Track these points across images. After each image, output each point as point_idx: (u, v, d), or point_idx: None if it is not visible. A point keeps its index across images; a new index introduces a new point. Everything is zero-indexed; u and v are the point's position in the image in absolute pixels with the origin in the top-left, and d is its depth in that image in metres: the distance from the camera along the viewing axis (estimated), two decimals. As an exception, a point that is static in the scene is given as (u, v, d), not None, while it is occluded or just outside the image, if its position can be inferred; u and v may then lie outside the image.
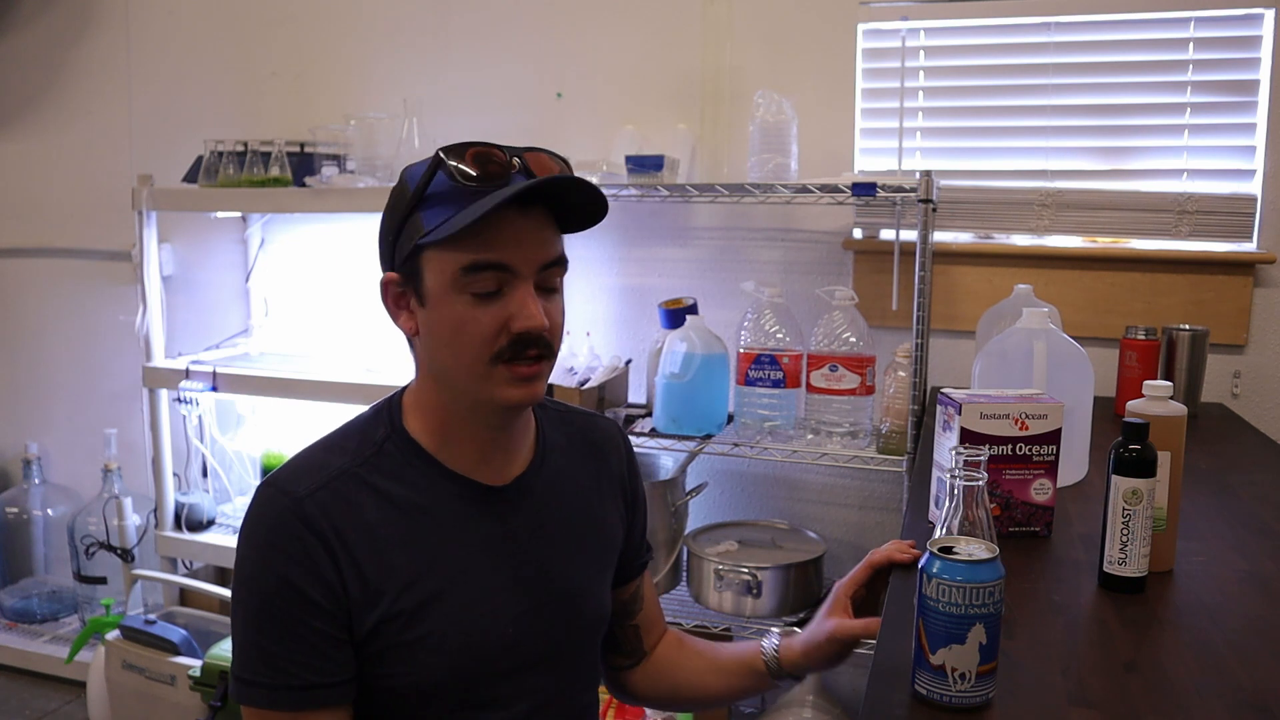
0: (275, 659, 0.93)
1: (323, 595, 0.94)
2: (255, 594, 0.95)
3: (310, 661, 0.94)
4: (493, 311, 0.94)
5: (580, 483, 1.13)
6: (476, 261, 0.93)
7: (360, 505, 0.97)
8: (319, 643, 0.94)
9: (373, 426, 1.04)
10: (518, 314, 0.94)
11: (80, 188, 2.90)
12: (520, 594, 1.03)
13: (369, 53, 2.58)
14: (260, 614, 0.94)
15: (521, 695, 1.04)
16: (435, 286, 0.95)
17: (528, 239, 0.94)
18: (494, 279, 0.94)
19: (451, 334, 0.96)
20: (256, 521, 0.97)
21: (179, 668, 2.15)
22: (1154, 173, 2.10)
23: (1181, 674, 0.86)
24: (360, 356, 2.40)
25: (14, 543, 2.93)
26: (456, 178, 0.93)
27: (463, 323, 0.94)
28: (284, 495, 0.96)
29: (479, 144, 0.95)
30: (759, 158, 2.05)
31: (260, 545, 0.95)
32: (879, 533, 2.29)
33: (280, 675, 0.93)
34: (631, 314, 2.43)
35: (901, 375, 1.92)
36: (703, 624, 2.00)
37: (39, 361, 3.04)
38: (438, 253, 0.94)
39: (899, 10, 2.17)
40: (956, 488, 0.90)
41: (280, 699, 0.94)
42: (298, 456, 1.02)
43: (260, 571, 0.94)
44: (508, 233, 0.93)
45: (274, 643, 0.94)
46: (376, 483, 0.99)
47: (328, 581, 0.94)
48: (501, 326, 0.94)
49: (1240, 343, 2.05)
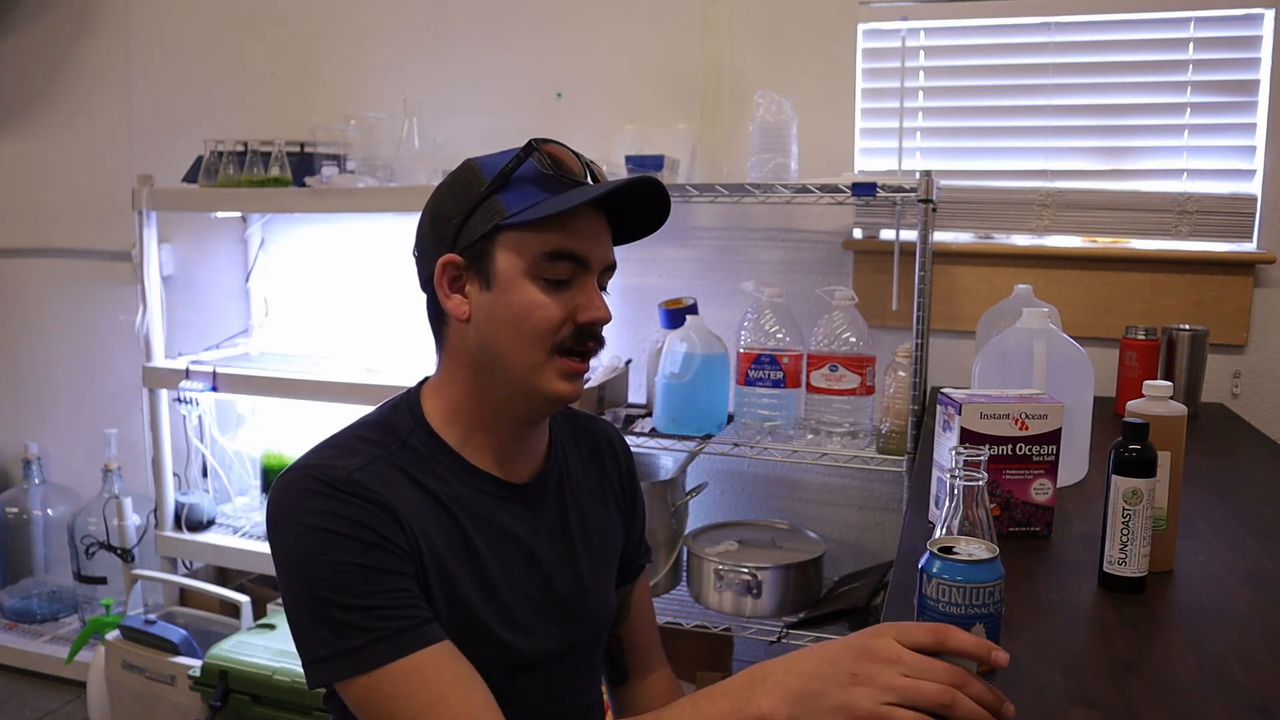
0: (380, 610, 0.88)
1: (399, 541, 0.92)
2: (327, 563, 0.89)
3: (413, 602, 0.90)
4: (562, 300, 0.97)
5: (587, 483, 1.15)
6: (561, 249, 0.96)
7: (401, 487, 0.96)
8: (411, 585, 0.91)
9: (394, 420, 1.03)
10: (585, 305, 0.98)
11: (80, 188, 2.90)
12: (533, 590, 1.04)
13: (369, 53, 2.58)
14: (340, 578, 0.89)
15: (528, 690, 1.04)
16: (508, 269, 0.97)
17: (601, 238, 1.00)
18: (568, 269, 0.97)
19: (517, 318, 0.97)
20: (302, 500, 0.92)
21: (179, 668, 2.15)
22: (1154, 173, 2.10)
23: (1181, 674, 0.86)
24: (360, 356, 2.40)
25: (14, 543, 2.93)
26: (547, 167, 0.97)
27: (533, 307, 0.96)
28: (327, 475, 0.93)
29: (556, 142, 1.00)
30: (759, 158, 2.05)
31: (321, 515, 0.91)
32: (879, 533, 2.29)
33: (395, 620, 0.88)
34: (631, 314, 2.43)
35: (901, 375, 1.92)
36: (702, 624, 2.00)
37: (39, 361, 3.04)
38: (518, 236, 0.96)
39: (899, 10, 2.17)
40: (956, 488, 0.90)
41: (410, 640, 0.88)
42: (321, 447, 0.99)
43: (329, 540, 0.90)
44: (588, 228, 0.98)
45: (367, 597, 0.88)
46: (410, 471, 0.98)
47: (396, 535, 0.92)
48: (567, 316, 0.97)
49: (1240, 343, 2.05)
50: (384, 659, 0.88)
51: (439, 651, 0.90)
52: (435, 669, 0.89)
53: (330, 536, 0.90)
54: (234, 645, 2.07)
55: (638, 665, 1.25)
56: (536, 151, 0.97)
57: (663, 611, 2.02)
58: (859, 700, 0.70)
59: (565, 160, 0.99)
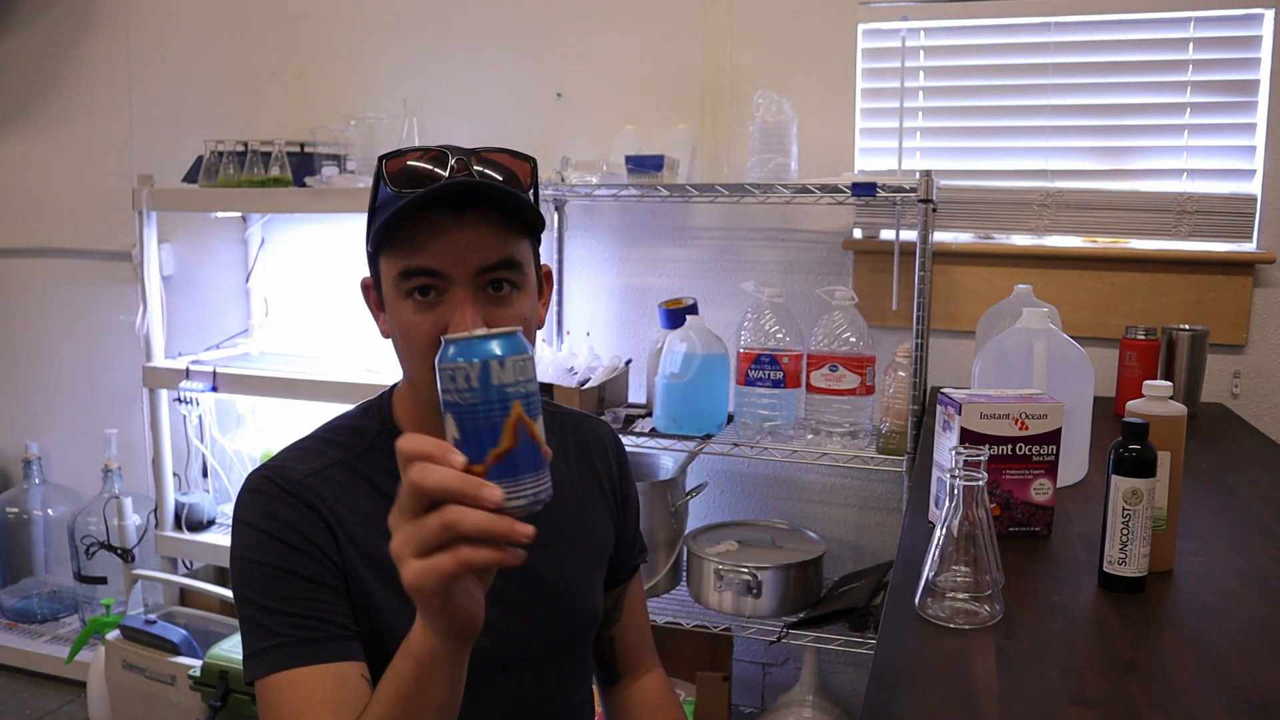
0: (291, 617, 0.91)
1: (329, 552, 0.94)
2: (256, 563, 0.93)
3: (328, 614, 0.93)
4: (432, 318, 0.93)
5: (572, 482, 1.13)
6: (408, 268, 0.92)
7: (356, 494, 0.98)
8: (331, 597, 0.93)
9: (363, 423, 1.05)
10: (452, 321, 0.92)
11: (80, 188, 2.90)
12: (510, 590, 1.03)
13: (369, 53, 2.58)
14: (267, 578, 0.92)
15: (508, 691, 1.04)
16: (388, 290, 0.96)
17: (460, 244, 0.91)
18: (427, 283, 0.92)
19: (401, 338, 0.96)
20: (251, 500, 0.96)
21: (179, 668, 2.15)
22: (1154, 173, 2.10)
23: (1181, 674, 0.86)
24: (360, 356, 2.40)
25: (14, 543, 2.93)
26: (388, 183, 0.94)
27: (407, 328, 0.94)
28: (279, 477, 0.97)
29: (425, 148, 0.95)
30: (759, 158, 2.05)
31: (258, 515, 0.94)
32: (879, 533, 2.29)
33: (301, 629, 0.91)
34: (631, 314, 2.43)
35: (901, 375, 1.92)
36: (702, 624, 2.00)
37: (39, 361, 3.04)
38: (384, 259, 0.95)
39: (899, 10, 2.17)
40: (956, 488, 0.90)
41: (306, 654, 0.90)
42: (289, 449, 1.02)
43: (261, 540, 0.93)
44: (439, 238, 0.91)
45: (283, 602, 0.92)
46: (370, 475, 1.00)
47: (328, 548, 0.95)
48: (441, 331, 0.93)
49: (1240, 343, 2.05)
50: (281, 665, 0.89)
51: (328, 670, 0.90)
52: (309, 686, 0.89)
53: (262, 537, 0.94)
54: (234, 645, 2.07)
55: (630, 666, 1.25)
56: (381, 170, 0.93)
57: (663, 611, 2.02)
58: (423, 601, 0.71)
59: (407, 172, 0.93)
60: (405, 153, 0.94)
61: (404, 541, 0.69)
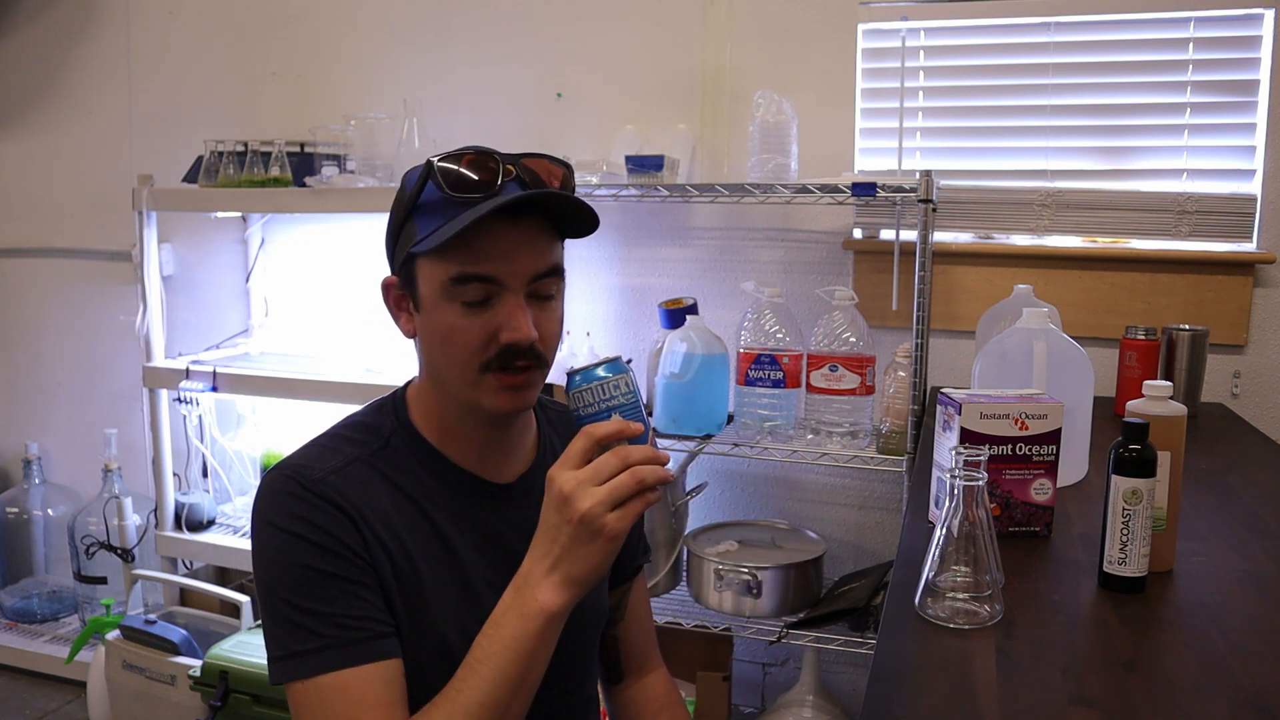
0: (330, 618, 0.91)
1: (360, 551, 0.94)
2: (291, 565, 0.92)
3: (368, 613, 0.92)
4: (481, 321, 0.94)
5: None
6: (464, 274, 0.93)
7: (375, 490, 0.98)
8: (369, 595, 0.93)
9: (378, 420, 1.04)
10: (505, 325, 0.94)
11: (80, 188, 2.90)
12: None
13: (369, 53, 2.58)
14: (301, 582, 0.92)
15: None
16: (427, 294, 0.96)
17: (517, 251, 0.94)
18: (482, 290, 0.93)
19: (442, 341, 0.96)
20: (276, 501, 0.95)
21: (179, 668, 2.15)
22: (1154, 173, 2.10)
23: (1181, 674, 0.86)
24: (360, 356, 2.40)
25: (14, 543, 2.93)
26: (444, 188, 0.93)
27: (453, 331, 0.95)
28: (301, 476, 0.96)
29: (474, 151, 0.95)
30: (759, 158, 2.05)
31: (287, 517, 0.93)
32: (879, 533, 2.29)
33: (347, 630, 0.91)
34: (631, 314, 2.43)
35: (901, 375, 1.92)
36: (702, 624, 2.00)
37: (39, 361, 3.04)
38: (428, 262, 0.95)
39: (899, 10, 2.17)
40: (956, 488, 0.90)
41: (354, 654, 0.90)
42: (306, 447, 1.01)
43: (293, 542, 0.93)
44: (497, 245, 0.93)
45: (324, 603, 0.91)
46: (387, 473, 1.00)
47: (357, 544, 0.94)
48: (490, 337, 0.94)
49: (1240, 343, 2.05)
50: (327, 667, 0.90)
51: (375, 670, 0.91)
52: (360, 688, 0.90)
53: (296, 540, 0.93)
54: (234, 645, 2.07)
55: (633, 665, 1.25)
56: (433, 173, 0.94)
57: (663, 611, 2.03)
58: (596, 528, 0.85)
59: (465, 177, 0.94)
60: (459, 155, 0.95)
61: (599, 502, 0.85)
